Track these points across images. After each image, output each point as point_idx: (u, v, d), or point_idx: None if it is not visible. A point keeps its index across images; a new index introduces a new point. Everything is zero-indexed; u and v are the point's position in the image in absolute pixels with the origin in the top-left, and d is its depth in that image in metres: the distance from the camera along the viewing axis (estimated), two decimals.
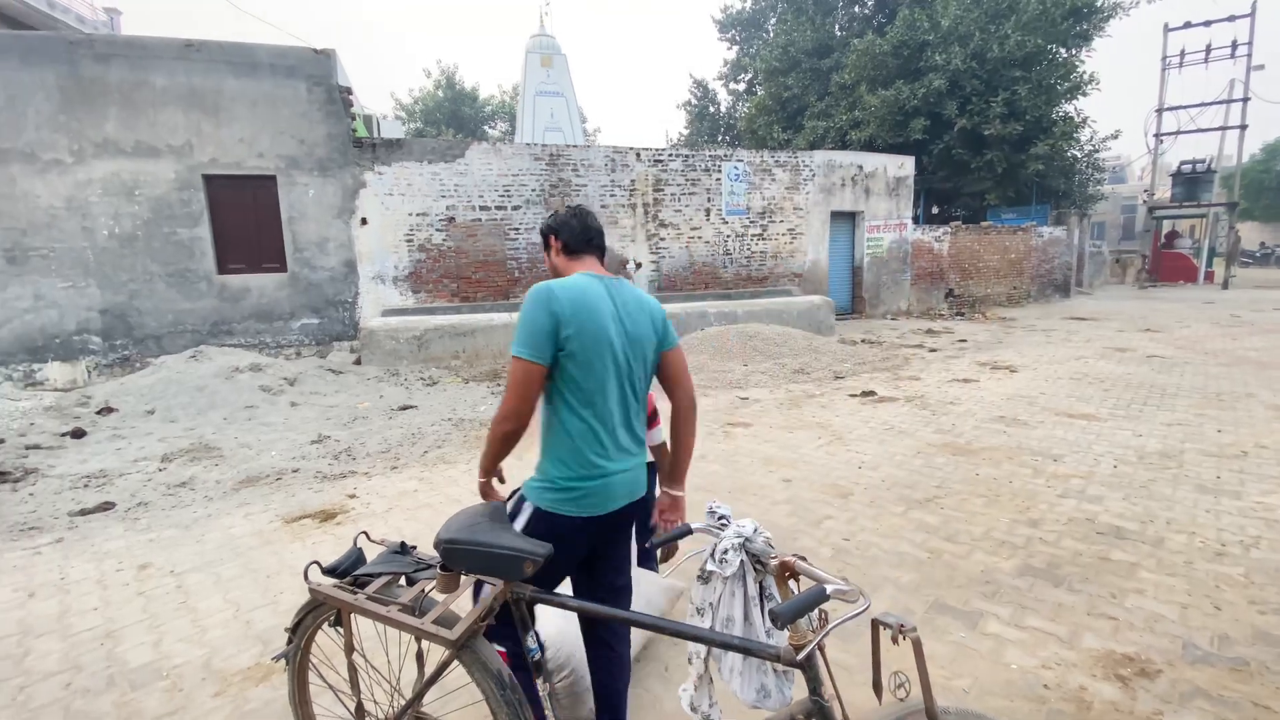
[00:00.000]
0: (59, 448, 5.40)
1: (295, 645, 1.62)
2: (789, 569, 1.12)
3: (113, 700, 2.29)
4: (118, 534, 3.73)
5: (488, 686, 1.39)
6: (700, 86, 25.90)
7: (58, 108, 8.01)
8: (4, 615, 2.86)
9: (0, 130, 7.85)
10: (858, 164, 12.85)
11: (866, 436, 5.15)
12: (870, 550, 3.24)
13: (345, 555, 1.61)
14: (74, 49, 8.07)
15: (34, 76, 7.92)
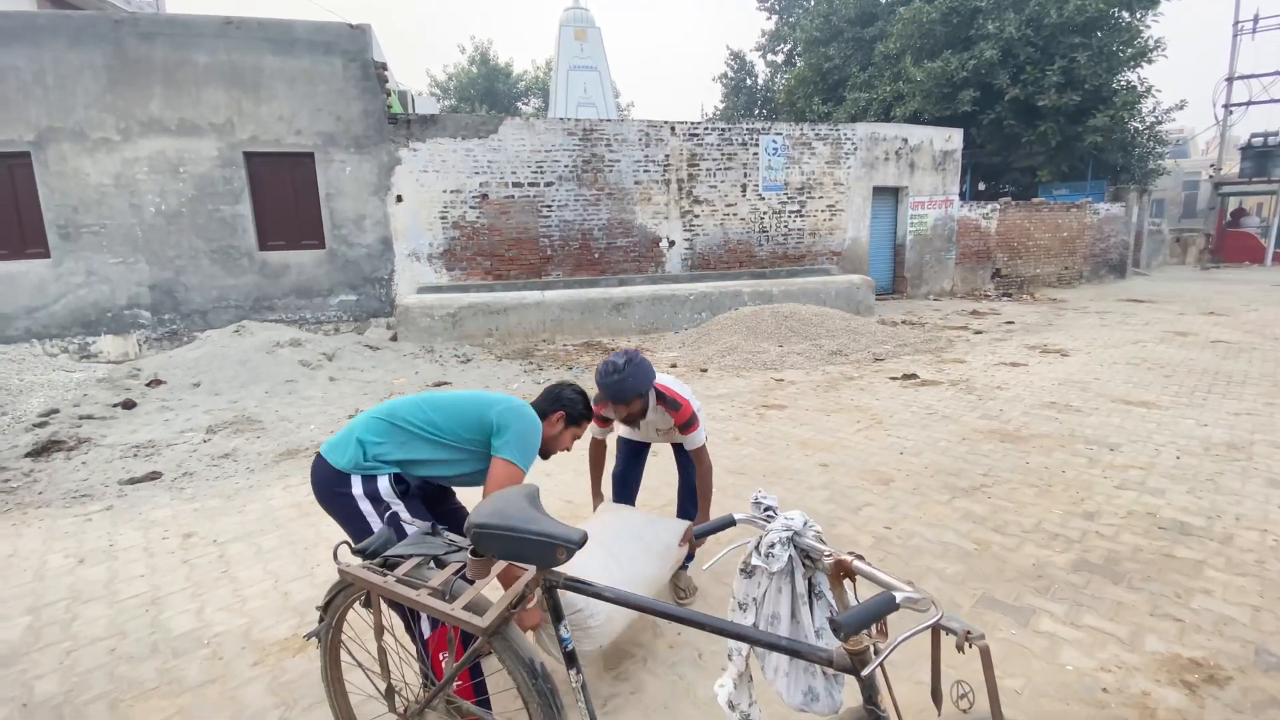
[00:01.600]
0: (110, 418, 5.60)
1: (326, 624, 1.60)
2: (845, 569, 1.03)
3: (156, 667, 2.34)
4: (164, 503, 3.83)
5: (519, 675, 1.34)
6: (737, 58, 25.24)
7: (105, 87, 8.19)
8: (55, 581, 2.96)
9: (51, 110, 8.07)
10: (902, 137, 12.35)
11: (908, 421, 4.97)
12: (913, 540, 3.12)
13: (376, 535, 1.57)
14: (119, 28, 8.22)
15: (82, 56, 8.10)
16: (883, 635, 1.03)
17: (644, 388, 2.30)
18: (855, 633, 0.88)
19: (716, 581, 2.77)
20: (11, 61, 7.90)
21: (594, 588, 1.27)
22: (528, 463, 1.79)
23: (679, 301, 9.40)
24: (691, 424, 2.44)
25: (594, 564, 1.97)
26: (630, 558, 2.15)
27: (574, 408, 2.08)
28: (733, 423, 5.06)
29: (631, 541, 2.23)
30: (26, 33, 7.96)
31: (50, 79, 8.04)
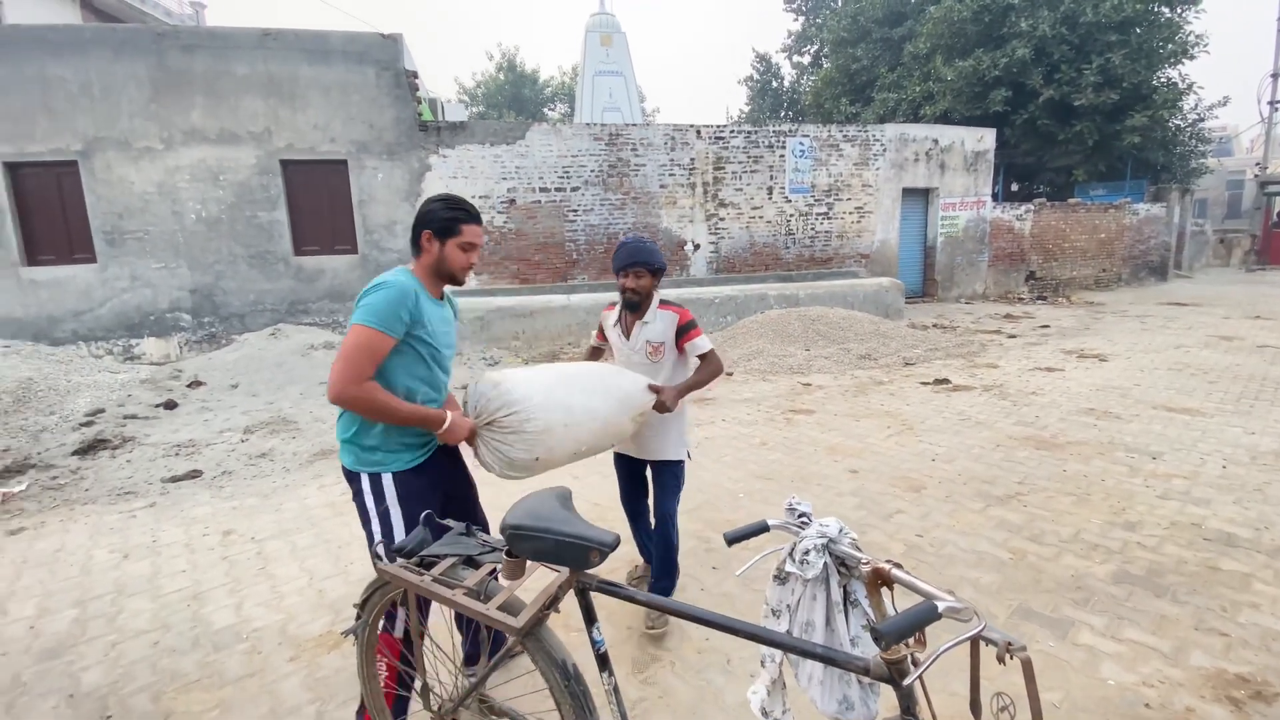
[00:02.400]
0: (153, 418, 5.79)
1: (363, 621, 1.63)
2: (882, 577, 1.02)
3: (197, 660, 2.41)
4: (204, 500, 3.95)
5: (552, 676, 1.36)
6: (763, 60, 25.12)
7: (149, 97, 8.49)
8: (101, 575, 3.07)
9: (97, 120, 8.40)
10: (932, 138, 12.16)
11: (940, 427, 4.89)
12: (946, 548, 3.06)
13: (412, 534, 1.60)
14: (162, 40, 8.52)
15: (126, 68, 8.41)
16: (920, 645, 1.02)
17: (658, 261, 2.40)
18: (896, 642, 0.87)
19: (747, 588, 2.76)
20: (60, 73, 8.24)
21: (626, 591, 1.28)
22: (370, 318, 1.67)
23: (704, 305, 9.37)
24: (694, 327, 2.45)
25: (536, 391, 1.91)
26: (585, 389, 2.09)
27: (434, 217, 1.84)
28: (759, 427, 5.03)
29: (590, 377, 2.17)
30: (73, 45, 8.30)
31: (96, 90, 8.36)
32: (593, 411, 2.04)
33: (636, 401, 2.24)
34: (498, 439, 1.87)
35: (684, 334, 2.43)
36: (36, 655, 2.45)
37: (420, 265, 1.87)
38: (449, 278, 1.90)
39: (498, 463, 1.90)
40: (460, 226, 1.85)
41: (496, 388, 1.88)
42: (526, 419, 1.85)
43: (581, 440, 2.03)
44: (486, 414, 1.87)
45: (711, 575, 2.89)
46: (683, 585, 2.80)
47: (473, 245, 1.89)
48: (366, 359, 1.67)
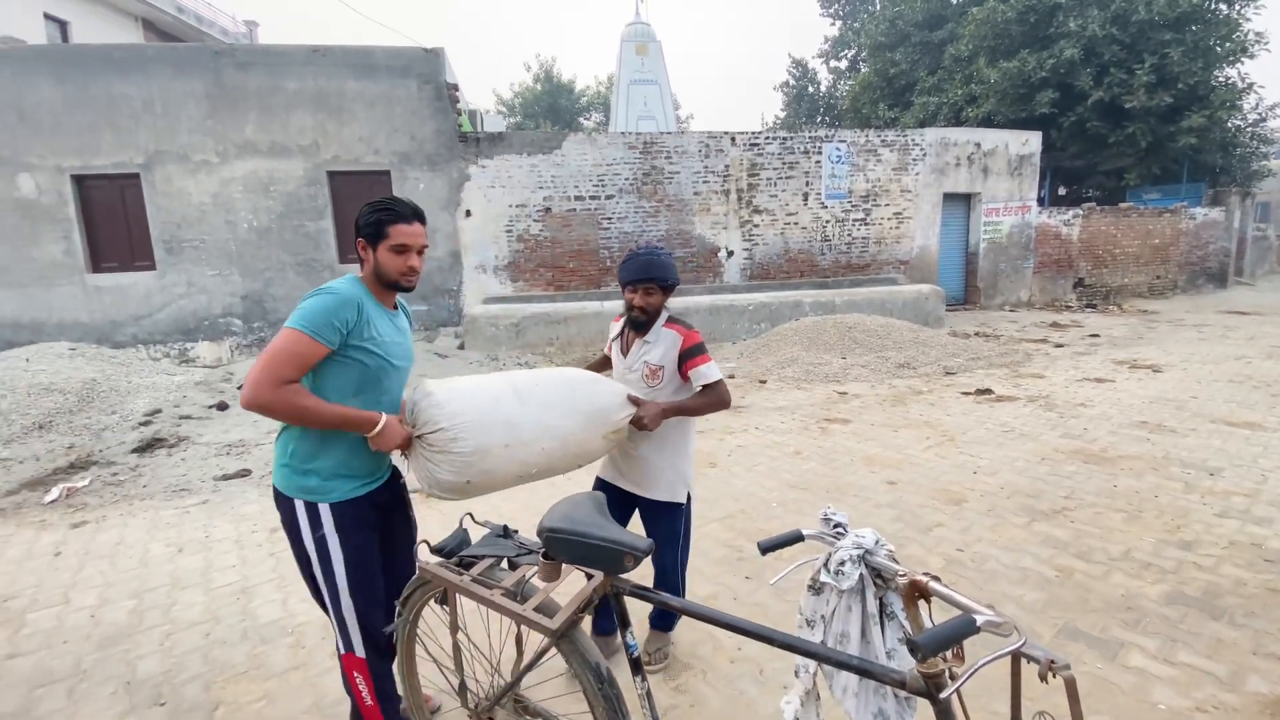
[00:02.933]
0: (206, 418, 6.05)
1: (404, 619, 1.68)
2: (919, 589, 1.00)
3: (245, 652, 2.51)
4: (253, 498, 4.11)
5: (586, 679, 1.37)
6: (799, 66, 24.97)
7: (206, 113, 8.91)
8: (157, 568, 3.22)
9: (158, 134, 8.84)
10: (975, 141, 11.88)
11: (982, 439, 4.76)
12: (987, 563, 2.98)
13: (452, 535, 1.64)
14: (219, 59, 8.93)
15: (186, 85, 8.84)
16: (959, 660, 1.00)
17: (672, 276, 2.12)
18: (934, 654, 0.86)
19: (780, 598, 2.74)
20: (124, 90, 8.72)
21: (660, 596, 1.29)
22: (301, 321, 1.53)
23: (737, 312, 9.33)
24: (701, 352, 2.12)
25: (472, 407, 1.69)
26: (543, 403, 1.82)
27: (361, 223, 1.69)
28: (793, 436, 4.98)
29: (554, 389, 1.88)
30: (137, 64, 8.77)
31: (158, 106, 8.81)
32: (549, 429, 1.78)
33: (612, 416, 1.93)
34: (427, 456, 1.69)
35: (688, 359, 2.11)
36: (96, 643, 2.58)
37: (364, 275, 1.73)
38: (392, 285, 1.72)
39: (424, 481, 1.71)
40: (387, 229, 1.66)
41: (428, 398, 1.68)
42: (454, 439, 1.64)
43: (530, 463, 1.77)
44: (418, 425, 1.69)
45: (744, 585, 2.87)
46: (715, 594, 2.79)
47: (405, 247, 1.68)
48: (290, 364, 1.51)
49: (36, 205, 8.74)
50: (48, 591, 3.00)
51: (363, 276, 1.73)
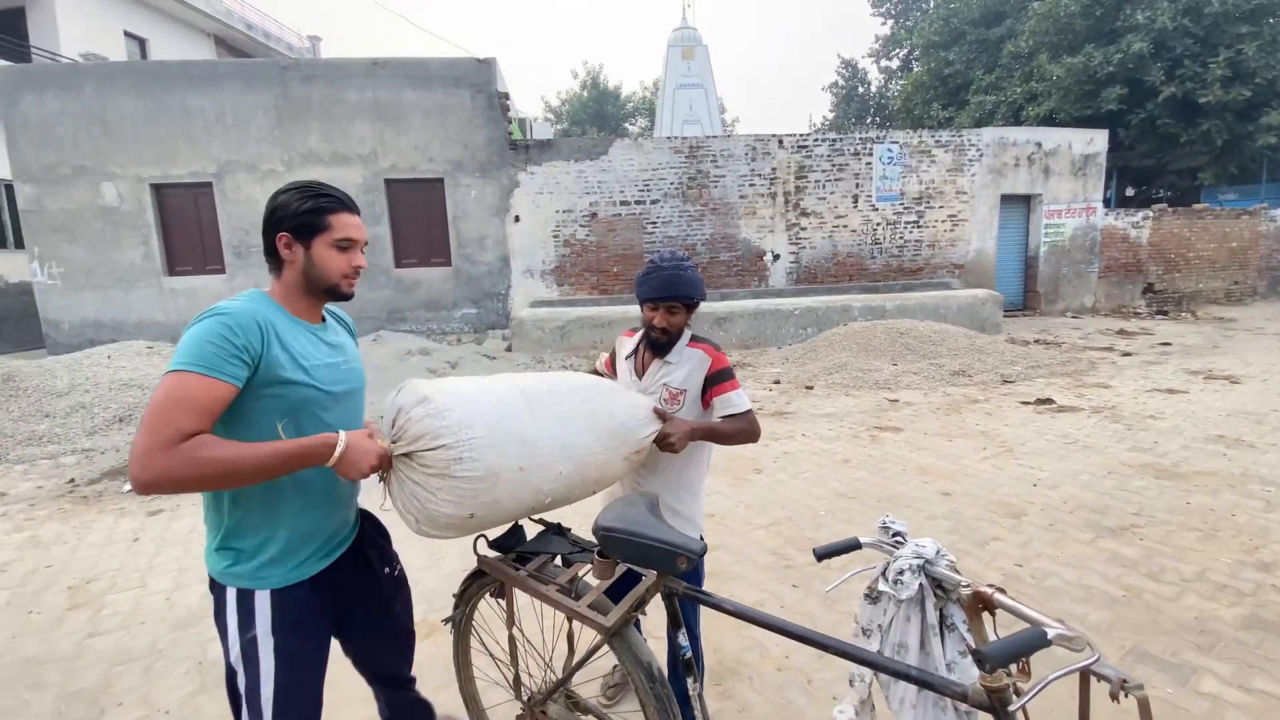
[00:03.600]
0: None
1: (461, 611, 1.73)
2: (984, 601, 0.98)
3: None
4: None
5: (638, 677, 1.39)
6: (848, 66, 24.58)
7: (273, 124, 9.37)
8: None
9: (229, 145, 9.35)
10: (1035, 141, 11.44)
11: (1043, 450, 4.57)
12: (1048, 580, 2.87)
13: (508, 531, 1.69)
14: (286, 73, 9.38)
15: (255, 98, 9.32)
16: (1024, 675, 0.98)
17: (699, 292, 1.80)
18: (1002, 665, 0.84)
19: (829, 608, 2.70)
20: (199, 104, 9.25)
21: (713, 599, 1.30)
22: (186, 358, 1.13)
23: (783, 316, 9.23)
24: (730, 377, 1.83)
25: (481, 416, 1.34)
26: (560, 415, 1.49)
27: (287, 213, 1.30)
28: (842, 444, 4.89)
29: (569, 398, 1.55)
30: (211, 79, 9.30)
31: (229, 119, 9.31)
32: (566, 448, 1.46)
33: (636, 434, 1.62)
34: (418, 481, 1.30)
35: (714, 384, 1.83)
36: (171, 625, 2.74)
37: (282, 283, 1.33)
38: (329, 292, 1.35)
39: (414, 514, 1.33)
40: (326, 219, 1.30)
41: (423, 405, 1.31)
42: (458, 459, 1.28)
43: (544, 490, 1.44)
44: (403, 439, 1.31)
45: (792, 593, 2.84)
46: (761, 601, 2.77)
47: (351, 241, 1.34)
48: (184, 413, 1.09)
49: (118, 212, 9.36)
50: (126, 575, 3.20)
51: (274, 288, 1.34)
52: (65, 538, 3.66)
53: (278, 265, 1.33)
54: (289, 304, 1.33)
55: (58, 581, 3.15)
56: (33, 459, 5.04)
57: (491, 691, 1.93)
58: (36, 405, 5.85)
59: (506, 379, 1.55)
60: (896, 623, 1.16)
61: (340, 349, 1.41)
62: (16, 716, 2.21)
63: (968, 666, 1.13)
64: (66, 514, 4.01)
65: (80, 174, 9.22)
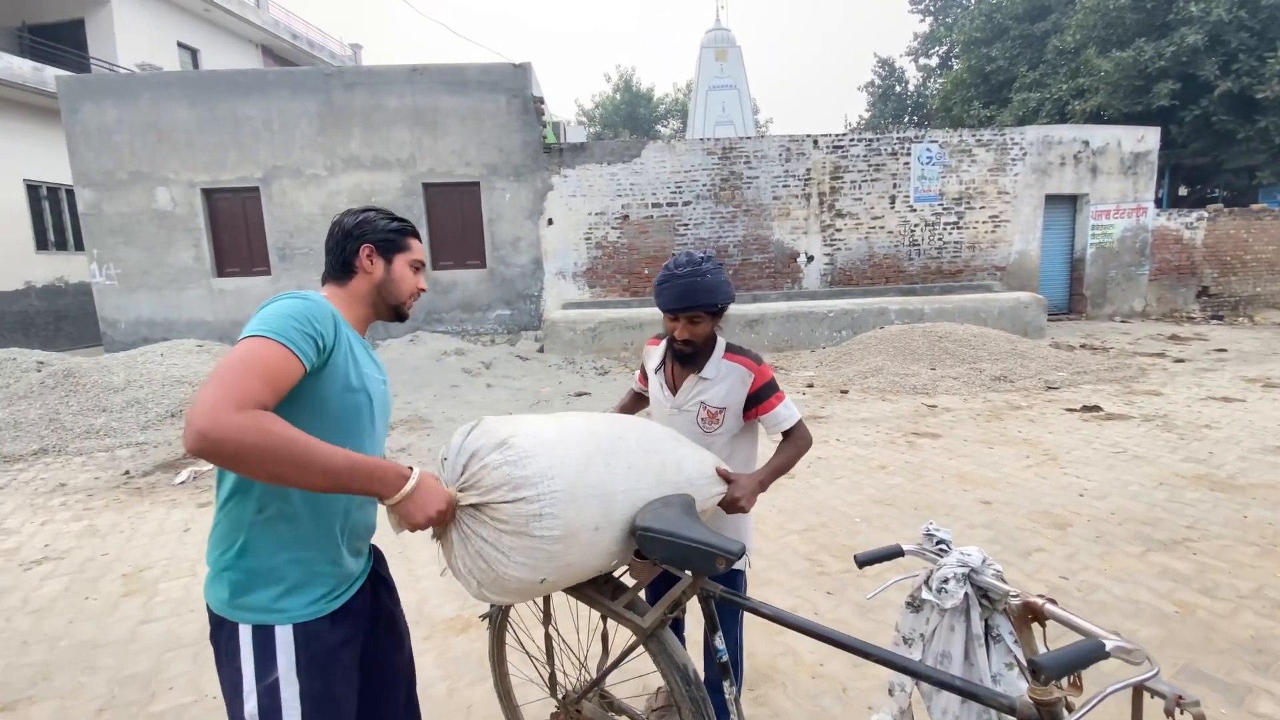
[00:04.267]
0: None
1: (498, 608, 1.76)
2: (1034, 612, 0.96)
3: None
4: None
5: (673, 679, 1.39)
6: (885, 65, 24.17)
7: (317, 130, 9.65)
8: None
9: (276, 151, 9.66)
10: (1082, 139, 11.08)
11: (1089, 459, 4.42)
12: (1096, 594, 2.77)
13: None
14: (329, 81, 9.66)
15: (300, 105, 9.61)
16: (1075, 688, 0.95)
17: (721, 298, 1.63)
18: (1057, 677, 0.82)
19: (865, 616, 2.66)
20: (247, 112, 9.58)
21: (751, 602, 1.29)
22: (268, 326, 1.06)
23: (817, 319, 9.12)
24: (775, 391, 1.71)
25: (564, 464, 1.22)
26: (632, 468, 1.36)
27: (374, 229, 1.32)
28: (878, 449, 4.81)
29: (639, 448, 1.42)
30: (259, 87, 9.62)
31: (276, 125, 9.63)
32: (638, 504, 1.34)
33: (703, 492, 1.50)
34: (487, 538, 1.16)
35: (759, 402, 1.71)
36: None
37: (348, 292, 1.31)
38: (393, 311, 1.37)
39: (476, 577, 1.20)
40: (408, 240, 1.37)
41: (503, 450, 1.17)
42: (538, 515, 1.14)
43: (613, 552, 1.32)
44: (477, 488, 1.17)
45: (826, 600, 2.80)
46: (794, 607, 2.74)
47: (421, 264, 1.40)
48: (258, 378, 1.00)
49: (171, 216, 9.75)
50: (177, 564, 3.33)
51: (337, 294, 1.30)
52: (120, 527, 3.83)
53: (347, 274, 1.31)
54: (349, 313, 1.29)
55: (113, 569, 3.29)
56: (90, 451, 5.28)
57: (525, 689, 1.95)
58: (94, 400, 6.14)
59: (580, 420, 1.42)
60: (940, 632, 1.14)
61: (376, 362, 1.35)
62: (73, 698, 2.32)
63: (1014, 679, 1.10)
64: (122, 504, 4.19)
65: (136, 179, 9.64)
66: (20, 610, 2.93)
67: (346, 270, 1.31)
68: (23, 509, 4.15)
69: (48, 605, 2.97)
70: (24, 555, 3.48)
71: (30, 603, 3.00)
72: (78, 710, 2.26)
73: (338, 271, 1.31)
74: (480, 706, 2.21)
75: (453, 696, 2.27)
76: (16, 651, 2.62)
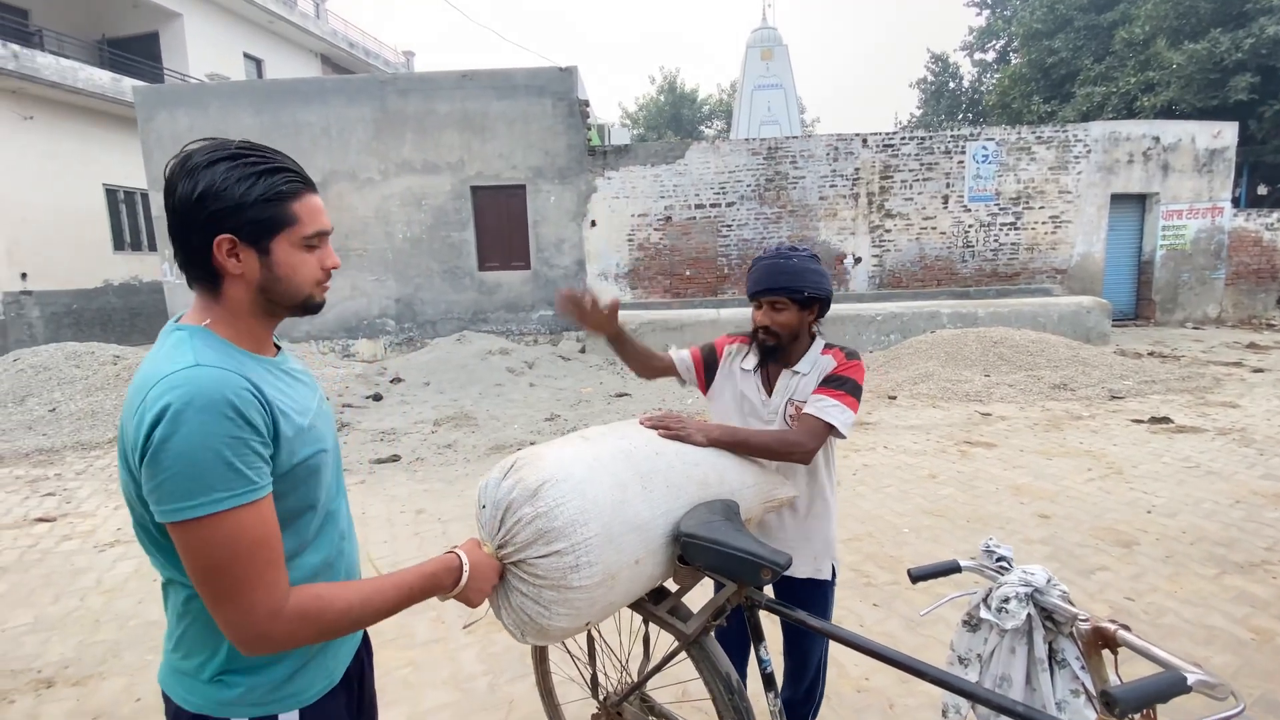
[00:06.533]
0: (364, 407, 6.74)
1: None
2: (1106, 638, 0.90)
3: (395, 621, 2.75)
4: (402, 482, 4.52)
5: (716, 687, 1.37)
6: (938, 60, 23.44)
7: (371, 135, 9.96)
8: None
9: (333, 156, 10.01)
10: (1152, 135, 10.50)
11: (1158, 474, 4.18)
12: (1164, 617, 2.61)
13: None
14: (384, 87, 9.96)
15: (356, 112, 9.94)
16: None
17: (810, 284, 1.52)
18: (1134, 710, 0.76)
19: (913, 630, 2.57)
20: (307, 118, 9.96)
21: (798, 614, 1.26)
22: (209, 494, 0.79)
23: (864, 322, 8.91)
24: (844, 388, 1.55)
25: (597, 504, 1.17)
26: (670, 485, 1.31)
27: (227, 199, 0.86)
28: (928, 458, 4.66)
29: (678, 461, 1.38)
30: (318, 95, 9.99)
31: (334, 131, 9.98)
32: (679, 520, 1.31)
33: (746, 501, 1.45)
34: (528, 594, 1.14)
35: (825, 385, 1.56)
36: None
37: (224, 307, 0.93)
38: (297, 306, 0.98)
39: (519, 626, 1.20)
40: (288, 207, 0.92)
41: (532, 501, 1.12)
42: (575, 566, 1.11)
43: (656, 575, 1.32)
44: (513, 545, 1.13)
45: (872, 612, 2.73)
46: (839, 619, 2.67)
47: (321, 235, 0.98)
48: (264, 562, 0.83)
49: None
50: None
51: (215, 314, 0.92)
52: None
53: (212, 280, 0.91)
54: (239, 337, 0.93)
55: None
56: None
57: (564, 686, 1.96)
58: None
59: (613, 440, 1.36)
60: (999, 654, 1.08)
61: (306, 380, 1.03)
62: (141, 674, 2.45)
63: (1080, 707, 1.04)
64: None
65: None
66: (94, 590, 3.11)
67: (208, 275, 0.90)
68: (99, 494, 4.42)
69: (119, 585, 3.15)
70: (99, 537, 3.70)
71: (103, 583, 3.18)
72: (144, 687, 2.38)
73: (196, 279, 0.91)
74: (521, 703, 2.23)
75: (494, 691, 2.30)
76: (90, 629, 2.78)
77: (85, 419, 6.02)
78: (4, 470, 4.99)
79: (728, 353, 1.77)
